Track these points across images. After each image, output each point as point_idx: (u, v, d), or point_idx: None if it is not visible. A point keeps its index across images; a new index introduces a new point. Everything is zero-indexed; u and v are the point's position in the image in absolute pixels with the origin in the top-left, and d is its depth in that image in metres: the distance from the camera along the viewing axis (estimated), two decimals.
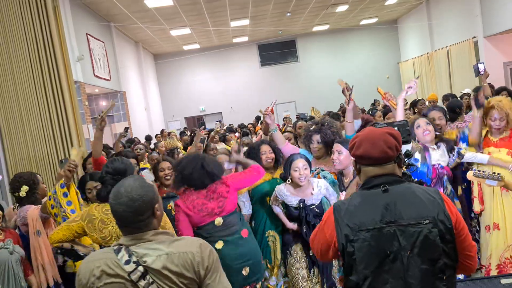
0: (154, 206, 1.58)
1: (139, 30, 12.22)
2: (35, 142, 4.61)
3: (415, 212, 1.57)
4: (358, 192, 1.72)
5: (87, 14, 9.44)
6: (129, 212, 1.53)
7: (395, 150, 1.67)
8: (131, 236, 1.55)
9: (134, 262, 1.49)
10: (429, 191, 1.65)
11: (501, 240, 3.16)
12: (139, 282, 1.48)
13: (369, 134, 1.70)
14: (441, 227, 1.55)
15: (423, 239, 1.54)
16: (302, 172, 3.11)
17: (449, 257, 1.58)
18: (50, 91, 4.59)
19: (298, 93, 16.44)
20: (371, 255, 1.57)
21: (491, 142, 3.30)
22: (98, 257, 1.56)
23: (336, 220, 1.65)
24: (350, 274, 1.62)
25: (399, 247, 1.55)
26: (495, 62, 10.63)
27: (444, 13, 12.96)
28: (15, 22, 4.54)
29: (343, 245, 1.61)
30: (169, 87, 16.74)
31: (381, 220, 1.58)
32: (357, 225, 1.59)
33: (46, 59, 4.57)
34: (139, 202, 1.53)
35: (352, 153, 1.74)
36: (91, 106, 10.85)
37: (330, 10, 13.06)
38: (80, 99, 7.56)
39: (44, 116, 4.60)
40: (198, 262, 1.54)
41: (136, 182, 1.59)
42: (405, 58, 16.33)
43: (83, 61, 8.23)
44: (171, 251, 1.53)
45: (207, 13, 11.33)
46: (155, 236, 1.56)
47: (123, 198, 1.53)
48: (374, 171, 1.67)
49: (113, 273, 1.50)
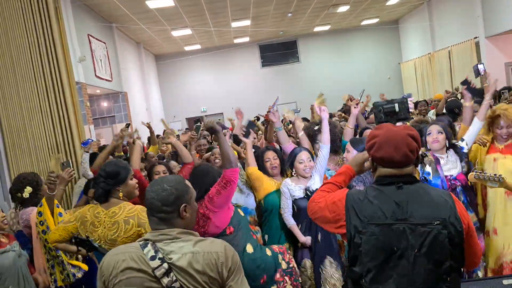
0: (182, 203, 1.62)
1: (140, 31, 12.24)
2: (37, 143, 4.62)
3: (427, 212, 1.57)
4: (373, 185, 1.70)
5: (88, 15, 9.46)
6: (156, 200, 1.59)
7: (416, 153, 1.65)
8: (158, 232, 1.58)
9: (159, 258, 1.51)
10: (442, 193, 1.65)
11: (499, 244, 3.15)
12: (163, 279, 1.49)
13: (390, 135, 1.64)
14: (451, 229, 1.54)
15: (432, 240, 1.54)
16: (307, 164, 3.22)
17: (456, 260, 1.57)
18: (51, 92, 4.60)
19: (299, 94, 16.42)
20: (377, 250, 1.57)
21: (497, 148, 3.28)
22: (124, 251, 1.58)
23: (347, 208, 1.65)
24: (354, 264, 1.62)
25: (407, 245, 1.55)
26: (496, 62, 10.62)
27: (446, 14, 12.95)
28: (17, 23, 4.56)
29: (351, 234, 1.61)
30: (171, 88, 16.77)
31: (392, 216, 1.58)
32: (367, 218, 1.59)
33: (47, 60, 4.58)
34: (167, 192, 1.60)
35: (371, 153, 1.69)
36: (93, 107, 10.87)
37: (331, 10, 13.06)
38: (81, 100, 7.57)
39: (46, 117, 4.61)
40: (222, 263, 1.56)
41: (174, 177, 1.69)
42: (407, 58, 16.31)
43: (85, 62, 8.25)
44: (197, 250, 1.55)
45: (208, 13, 11.35)
46: (181, 234, 1.59)
47: (156, 186, 1.62)
48: (392, 173, 1.65)
49: (138, 267, 1.52)
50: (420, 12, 14.54)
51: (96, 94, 10.85)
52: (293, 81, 16.81)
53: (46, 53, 4.58)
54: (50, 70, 4.60)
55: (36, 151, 4.62)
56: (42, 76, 4.59)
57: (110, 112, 11.31)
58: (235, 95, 16.56)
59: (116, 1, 9.25)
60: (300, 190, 3.23)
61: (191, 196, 1.68)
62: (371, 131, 1.74)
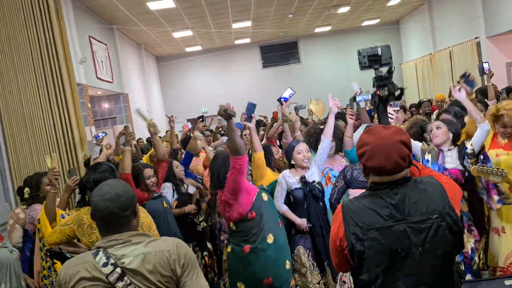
0: (135, 204, 1.65)
1: (141, 32, 12.24)
2: (38, 145, 4.62)
3: (423, 208, 1.57)
4: (366, 192, 1.69)
5: (89, 17, 9.48)
6: (115, 207, 1.57)
7: (408, 159, 1.62)
8: (108, 237, 1.58)
9: (111, 264, 1.52)
10: (432, 183, 1.65)
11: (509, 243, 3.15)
12: (117, 283, 1.50)
13: (381, 143, 1.61)
14: (448, 220, 1.56)
15: (433, 235, 1.54)
16: (305, 154, 3.32)
17: (455, 249, 1.59)
18: (53, 93, 4.61)
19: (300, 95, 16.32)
20: (381, 254, 1.56)
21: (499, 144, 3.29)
22: (77, 262, 1.59)
23: (344, 219, 1.63)
24: (359, 274, 1.61)
25: (410, 244, 1.55)
26: (497, 62, 10.59)
27: (446, 14, 12.94)
28: (18, 25, 4.56)
29: (352, 244, 1.59)
30: (172, 89, 16.77)
31: (390, 219, 1.57)
32: (367, 224, 1.58)
33: (49, 62, 4.59)
34: (124, 198, 1.60)
35: (362, 162, 1.66)
36: (94, 108, 10.88)
37: (332, 11, 13.06)
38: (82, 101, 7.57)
39: (47, 118, 4.62)
40: (174, 260, 1.57)
41: (118, 181, 1.68)
42: (408, 59, 16.30)
43: (86, 64, 8.25)
44: (148, 251, 1.56)
45: (209, 15, 11.35)
46: (132, 237, 1.59)
47: (108, 194, 1.58)
48: (384, 180, 1.63)
49: (91, 276, 1.52)
50: (421, 13, 14.53)
51: (97, 95, 10.86)
52: (294, 82, 16.74)
53: (47, 55, 4.59)
54: (51, 71, 4.60)
55: (38, 153, 4.62)
56: (43, 77, 4.60)
57: (111, 114, 11.31)
58: (236, 96, 16.52)
59: (117, 2, 9.26)
60: (297, 180, 3.30)
61: (134, 192, 1.71)
62: (362, 135, 1.69)
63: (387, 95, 2.23)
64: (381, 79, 2.31)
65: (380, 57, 2.38)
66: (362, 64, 2.70)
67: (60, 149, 4.64)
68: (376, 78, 2.32)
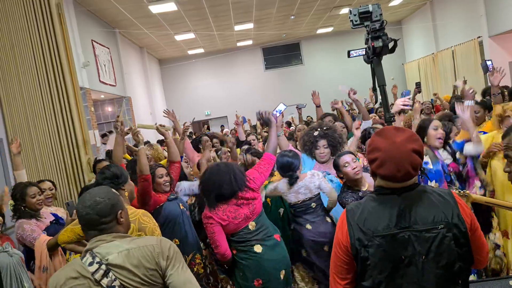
0: (118, 211, 1.68)
1: (143, 35, 12.29)
2: (41, 149, 4.64)
3: (430, 217, 1.53)
4: (372, 196, 1.66)
5: (92, 20, 9.52)
6: (93, 214, 1.63)
7: (419, 168, 1.59)
8: (93, 239, 1.63)
9: (97, 262, 1.56)
10: (442, 193, 1.60)
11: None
12: (102, 280, 1.54)
13: (393, 152, 1.55)
14: (455, 231, 1.52)
15: (438, 244, 1.51)
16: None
17: (464, 261, 1.54)
18: (56, 97, 4.63)
19: (303, 96, 16.35)
20: (385, 261, 1.54)
21: None
22: (66, 267, 1.65)
23: (349, 223, 1.61)
24: (363, 279, 1.59)
25: (414, 252, 1.52)
26: (500, 61, 10.53)
27: (449, 14, 12.91)
28: (21, 30, 4.59)
29: (356, 249, 1.57)
30: (174, 92, 16.81)
31: (395, 226, 1.54)
32: (371, 230, 1.55)
33: (51, 66, 4.61)
34: (102, 205, 1.65)
35: (372, 167, 1.61)
36: (97, 112, 10.92)
37: (334, 12, 13.06)
38: (86, 105, 7.60)
39: (51, 122, 4.64)
40: (158, 253, 1.62)
41: (101, 189, 1.74)
42: (410, 59, 16.27)
43: (89, 67, 8.29)
44: (132, 246, 1.61)
45: (211, 17, 11.38)
46: (116, 238, 1.64)
47: (88, 201, 1.66)
48: (392, 186, 1.60)
49: (78, 276, 1.57)
50: (423, 13, 14.51)
51: (100, 99, 10.90)
52: (297, 83, 16.80)
53: (50, 59, 4.61)
54: (54, 75, 4.62)
55: (42, 157, 4.64)
56: (46, 82, 4.62)
57: (114, 117, 11.34)
58: (239, 98, 16.57)
59: (119, 6, 9.30)
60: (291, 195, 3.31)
61: (120, 199, 1.75)
62: (372, 137, 1.64)
63: (382, 46, 2.24)
64: (375, 31, 2.32)
65: (371, 14, 2.40)
66: (354, 22, 2.73)
67: (64, 153, 4.66)
68: (370, 31, 2.32)
